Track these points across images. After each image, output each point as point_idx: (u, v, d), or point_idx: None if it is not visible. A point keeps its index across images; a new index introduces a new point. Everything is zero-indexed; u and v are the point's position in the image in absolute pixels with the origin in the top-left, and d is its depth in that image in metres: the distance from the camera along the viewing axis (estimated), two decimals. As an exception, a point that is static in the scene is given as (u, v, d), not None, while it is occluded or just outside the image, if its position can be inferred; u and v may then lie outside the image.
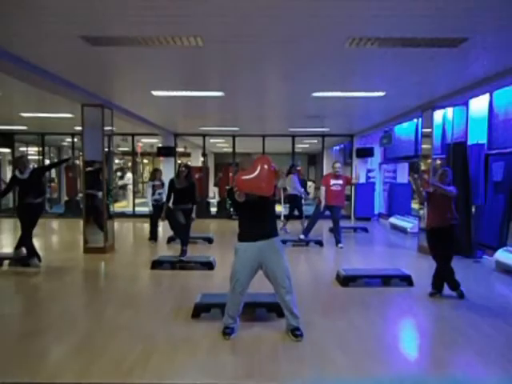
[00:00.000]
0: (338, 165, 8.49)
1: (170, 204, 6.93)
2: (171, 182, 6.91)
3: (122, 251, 7.96)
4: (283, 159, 17.73)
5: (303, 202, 13.46)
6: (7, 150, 15.12)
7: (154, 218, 8.56)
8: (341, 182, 8.27)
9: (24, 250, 6.33)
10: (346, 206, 8.61)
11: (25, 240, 6.26)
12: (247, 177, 3.27)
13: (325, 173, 15.36)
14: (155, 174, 8.73)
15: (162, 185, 8.44)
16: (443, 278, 4.91)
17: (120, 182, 17.77)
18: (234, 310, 3.73)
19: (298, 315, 3.69)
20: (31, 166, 6.26)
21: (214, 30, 4.14)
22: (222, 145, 17.26)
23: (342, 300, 4.93)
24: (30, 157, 16.15)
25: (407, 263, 6.77)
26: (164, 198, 7.64)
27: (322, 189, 8.37)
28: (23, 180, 6.09)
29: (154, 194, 8.40)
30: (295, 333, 3.64)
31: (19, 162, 6.30)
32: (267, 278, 3.74)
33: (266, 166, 3.28)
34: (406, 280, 5.43)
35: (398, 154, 11.82)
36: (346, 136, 13.68)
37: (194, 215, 6.96)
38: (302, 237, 8.42)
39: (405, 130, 11.24)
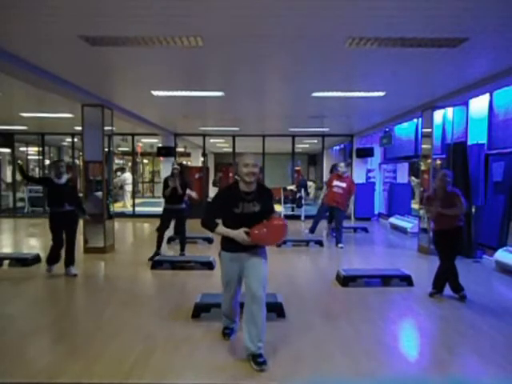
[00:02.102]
0: (341, 164, 8.55)
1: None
2: (165, 180, 7.05)
3: (122, 251, 7.97)
4: (283, 159, 17.80)
5: (303, 202, 13.54)
6: (7, 150, 15.13)
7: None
8: (344, 185, 8.23)
9: (73, 270, 5.92)
10: (346, 208, 8.49)
11: (54, 249, 5.84)
12: (258, 232, 3.17)
13: (325, 173, 15.45)
14: None
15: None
16: (447, 279, 4.91)
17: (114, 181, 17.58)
18: (230, 310, 3.58)
19: (263, 336, 3.17)
20: (66, 174, 5.85)
21: (213, 30, 4.14)
22: (222, 145, 17.26)
23: (342, 300, 4.94)
24: (30, 157, 16.21)
25: (407, 263, 6.77)
26: None
27: (324, 188, 8.46)
28: (59, 185, 5.67)
29: None
30: (257, 360, 3.09)
31: (55, 166, 5.86)
32: (245, 284, 3.33)
33: (280, 223, 3.31)
34: (406, 280, 5.44)
35: (398, 154, 11.82)
36: (346, 136, 13.68)
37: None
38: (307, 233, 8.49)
39: (405, 130, 11.24)
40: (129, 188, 15.89)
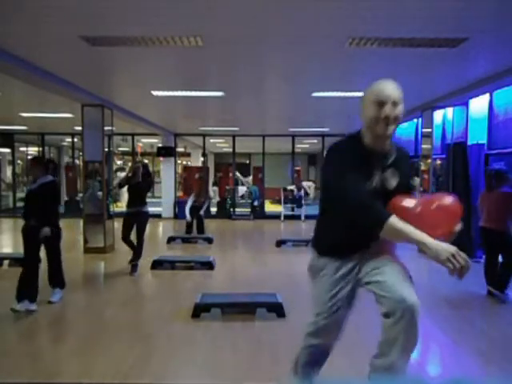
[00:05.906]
0: None
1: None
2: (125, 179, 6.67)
3: (122, 251, 7.95)
4: (283, 159, 17.79)
5: (303, 202, 13.53)
6: (7, 150, 15.15)
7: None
8: None
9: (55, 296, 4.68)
10: None
11: (22, 273, 4.56)
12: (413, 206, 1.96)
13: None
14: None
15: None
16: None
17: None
18: (318, 357, 2.43)
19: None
20: (50, 177, 4.51)
21: (213, 30, 4.14)
22: (222, 145, 17.26)
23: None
24: (30, 157, 16.19)
25: (407, 263, 6.74)
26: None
27: None
28: (29, 191, 4.53)
29: None
30: None
31: (33, 165, 4.60)
32: (372, 291, 2.10)
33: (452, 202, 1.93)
34: (406, 280, 5.43)
35: (398, 154, 11.80)
36: (346, 136, 13.68)
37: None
38: None
39: (405, 130, 11.24)
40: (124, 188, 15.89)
